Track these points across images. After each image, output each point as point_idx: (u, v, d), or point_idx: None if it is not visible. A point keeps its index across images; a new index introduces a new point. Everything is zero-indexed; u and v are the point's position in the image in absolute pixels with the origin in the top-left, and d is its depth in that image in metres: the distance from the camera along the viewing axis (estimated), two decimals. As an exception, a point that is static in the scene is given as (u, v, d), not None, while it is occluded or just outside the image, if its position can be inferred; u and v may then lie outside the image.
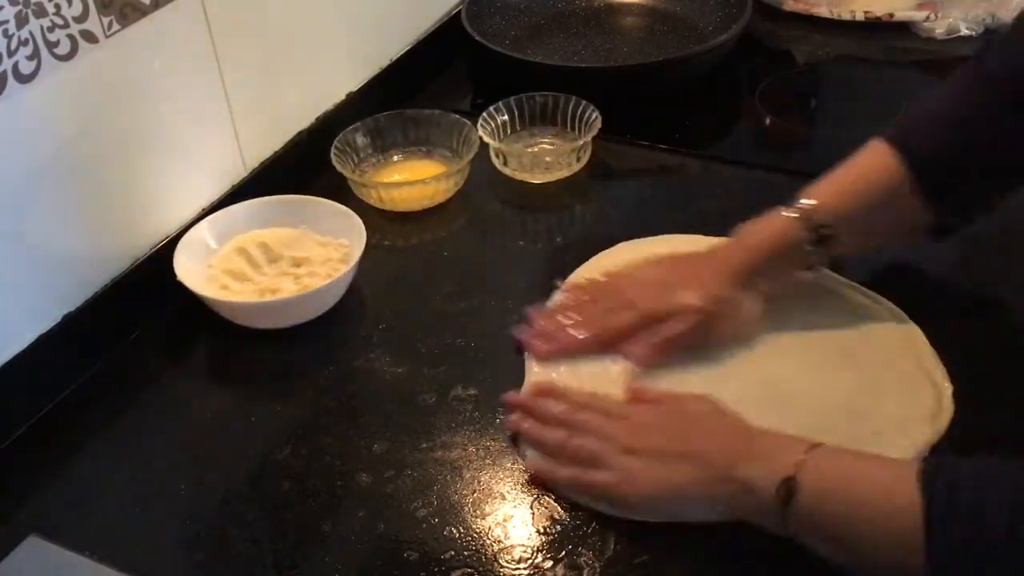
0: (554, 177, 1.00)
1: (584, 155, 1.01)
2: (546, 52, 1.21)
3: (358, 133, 1.01)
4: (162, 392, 0.80)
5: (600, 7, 1.29)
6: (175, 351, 0.84)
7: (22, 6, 0.68)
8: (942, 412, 0.71)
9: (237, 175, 0.94)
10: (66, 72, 0.73)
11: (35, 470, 0.73)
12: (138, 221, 0.85)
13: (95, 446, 0.75)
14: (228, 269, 0.85)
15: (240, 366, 0.82)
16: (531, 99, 1.03)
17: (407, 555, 0.65)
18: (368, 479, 0.71)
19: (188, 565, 0.66)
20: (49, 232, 0.76)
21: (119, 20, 0.76)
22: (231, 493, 0.71)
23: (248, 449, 0.74)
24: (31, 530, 0.67)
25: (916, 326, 0.78)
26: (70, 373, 0.80)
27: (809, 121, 1.13)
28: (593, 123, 1.00)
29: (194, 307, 0.83)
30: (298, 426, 0.75)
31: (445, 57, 1.21)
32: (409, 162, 1.03)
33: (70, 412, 0.78)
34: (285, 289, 0.83)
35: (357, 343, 0.83)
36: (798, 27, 1.27)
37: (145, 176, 0.84)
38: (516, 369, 0.78)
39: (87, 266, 0.81)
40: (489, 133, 1.00)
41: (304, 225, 0.89)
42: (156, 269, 0.84)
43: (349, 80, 1.07)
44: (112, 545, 0.67)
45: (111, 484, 0.72)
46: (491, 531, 0.67)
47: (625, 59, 1.18)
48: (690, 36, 1.22)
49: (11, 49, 0.68)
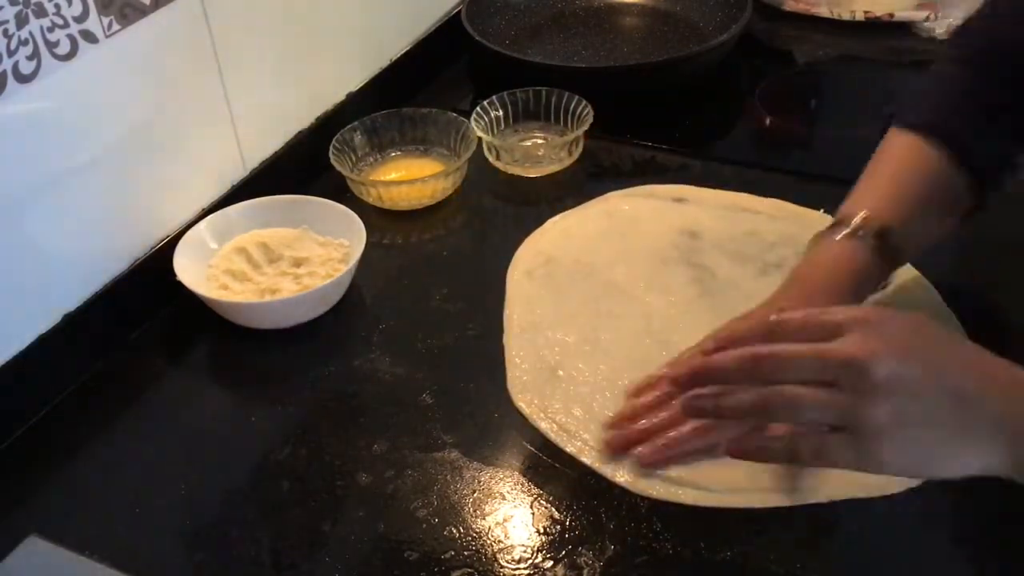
0: (546, 171, 1.00)
1: (576, 149, 1.01)
2: (546, 52, 1.21)
3: (356, 132, 1.01)
4: (162, 392, 0.80)
5: (600, 7, 1.29)
6: (175, 351, 0.84)
7: (22, 6, 0.68)
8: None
9: (237, 175, 0.94)
10: (66, 72, 0.73)
11: (35, 470, 0.73)
12: (138, 221, 0.85)
13: (95, 446, 0.75)
14: (228, 269, 0.85)
15: (240, 366, 0.82)
16: (524, 94, 1.04)
17: (407, 555, 0.65)
18: (368, 479, 0.71)
19: (188, 565, 0.66)
20: (49, 232, 0.76)
21: (119, 20, 0.76)
22: (231, 493, 0.71)
23: (248, 449, 0.74)
24: (31, 530, 0.67)
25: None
26: (70, 373, 0.80)
27: (809, 121, 1.13)
28: (585, 117, 1.00)
29: (194, 307, 0.83)
30: (298, 426, 0.75)
31: (445, 57, 1.21)
32: (407, 160, 1.03)
33: (70, 412, 0.78)
34: (285, 289, 0.83)
35: (357, 343, 0.83)
36: (798, 27, 1.27)
37: (145, 176, 0.84)
38: (516, 369, 0.78)
39: (87, 266, 0.81)
40: (483, 128, 1.00)
41: (304, 225, 0.89)
42: (156, 269, 0.84)
43: (349, 80, 1.07)
44: (112, 545, 0.67)
45: (111, 484, 0.72)
46: (491, 531, 0.67)
47: (625, 59, 1.18)
48: (690, 36, 1.22)
49: (11, 49, 0.68)
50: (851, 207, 0.71)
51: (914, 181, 0.71)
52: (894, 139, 0.74)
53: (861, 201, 0.71)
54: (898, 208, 0.70)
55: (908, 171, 0.71)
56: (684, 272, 0.85)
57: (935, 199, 0.71)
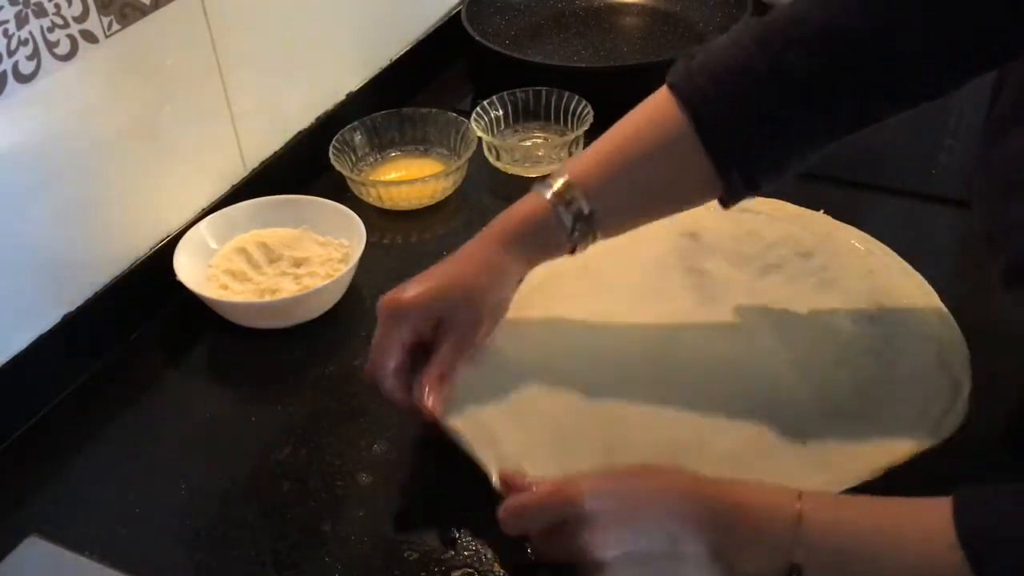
0: (546, 171, 1.00)
1: (576, 149, 1.01)
2: (546, 52, 1.21)
3: (356, 132, 1.01)
4: (162, 392, 0.80)
5: (600, 7, 1.29)
6: (175, 351, 0.84)
7: (22, 6, 0.68)
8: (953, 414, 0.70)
9: (237, 175, 0.94)
10: (66, 72, 0.73)
11: (35, 470, 0.73)
12: (138, 221, 0.85)
13: (95, 446, 0.75)
14: (228, 269, 0.85)
15: (240, 366, 0.82)
16: (524, 94, 1.04)
17: (407, 555, 0.65)
18: (368, 479, 0.71)
19: (188, 565, 0.66)
20: (49, 232, 0.76)
21: (119, 20, 0.76)
22: (231, 493, 0.71)
23: (248, 449, 0.74)
24: (31, 530, 0.67)
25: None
26: (70, 373, 0.80)
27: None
28: (585, 117, 1.00)
29: (194, 307, 0.83)
30: (298, 426, 0.75)
31: (445, 57, 1.21)
32: (407, 160, 1.03)
33: (70, 412, 0.78)
34: (285, 289, 0.83)
35: (357, 343, 0.82)
36: (798, 27, 1.26)
37: (145, 176, 0.84)
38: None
39: (87, 266, 0.81)
40: (483, 128, 1.01)
41: (304, 225, 0.89)
42: (156, 269, 0.84)
43: (349, 80, 1.07)
44: (112, 545, 0.67)
45: (111, 484, 0.72)
46: (491, 531, 0.66)
47: (625, 59, 1.18)
48: (690, 36, 1.22)
49: (11, 49, 0.68)
50: (571, 164, 0.71)
51: (643, 150, 0.69)
52: (658, 96, 0.70)
53: (582, 160, 0.70)
54: (612, 180, 0.69)
55: (645, 140, 0.69)
56: (683, 279, 0.84)
57: (662, 174, 0.69)
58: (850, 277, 0.83)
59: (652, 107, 0.70)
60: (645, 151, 0.69)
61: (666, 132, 0.68)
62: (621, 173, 0.69)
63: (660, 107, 0.69)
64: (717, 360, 0.76)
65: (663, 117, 0.68)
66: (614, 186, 0.69)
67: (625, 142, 0.70)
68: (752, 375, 0.75)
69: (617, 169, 0.69)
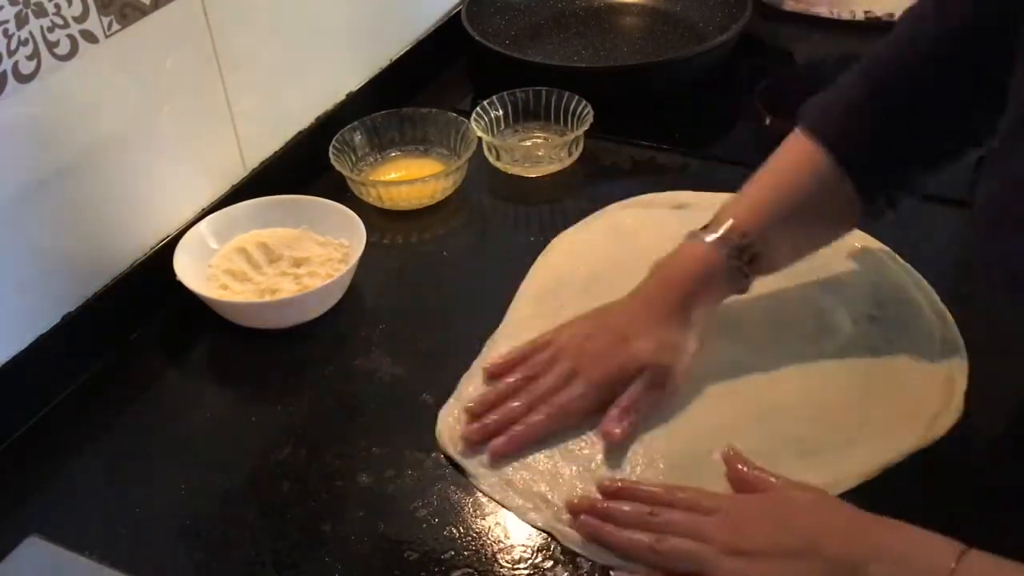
0: (546, 171, 1.00)
1: (576, 149, 1.01)
2: (546, 52, 1.21)
3: (356, 132, 1.01)
4: (162, 392, 0.80)
5: (600, 7, 1.29)
6: (175, 351, 0.84)
7: (22, 6, 0.68)
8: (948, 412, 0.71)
9: (237, 175, 0.94)
10: (66, 72, 0.73)
11: (35, 470, 0.73)
12: (138, 221, 0.85)
13: (95, 446, 0.75)
14: (228, 269, 0.85)
15: (240, 366, 0.82)
16: (524, 94, 1.04)
17: (407, 555, 0.65)
18: (368, 479, 0.71)
19: (188, 565, 0.66)
20: (49, 232, 0.76)
21: (119, 20, 0.76)
22: (231, 493, 0.71)
23: (248, 449, 0.74)
24: (31, 530, 0.67)
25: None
26: (70, 373, 0.80)
27: (809, 121, 1.13)
28: (585, 117, 1.00)
29: (194, 307, 0.83)
30: (298, 426, 0.75)
31: (445, 57, 1.21)
32: (407, 160, 1.03)
33: (70, 412, 0.78)
34: (285, 289, 0.83)
35: (357, 343, 0.83)
36: (798, 27, 1.27)
37: (145, 176, 0.84)
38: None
39: (87, 266, 0.81)
40: (483, 128, 1.00)
41: (304, 225, 0.89)
42: (156, 269, 0.84)
43: (349, 80, 1.07)
44: (112, 545, 0.67)
45: (111, 484, 0.72)
46: (491, 531, 0.67)
47: (625, 59, 1.18)
48: (690, 36, 1.22)
49: (11, 49, 0.68)
50: (727, 210, 0.74)
51: (795, 190, 0.73)
52: (792, 140, 0.75)
53: (738, 204, 0.74)
54: (770, 219, 0.73)
55: (792, 178, 0.74)
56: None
57: (814, 210, 0.74)
58: (850, 277, 0.83)
59: (790, 151, 0.75)
60: (794, 192, 0.73)
61: (811, 170, 0.73)
62: (777, 216, 0.73)
63: (796, 149, 0.74)
64: (716, 361, 0.76)
65: (803, 157, 0.74)
66: (774, 229, 0.73)
67: (777, 187, 0.74)
68: (751, 375, 0.75)
69: (773, 211, 0.73)
